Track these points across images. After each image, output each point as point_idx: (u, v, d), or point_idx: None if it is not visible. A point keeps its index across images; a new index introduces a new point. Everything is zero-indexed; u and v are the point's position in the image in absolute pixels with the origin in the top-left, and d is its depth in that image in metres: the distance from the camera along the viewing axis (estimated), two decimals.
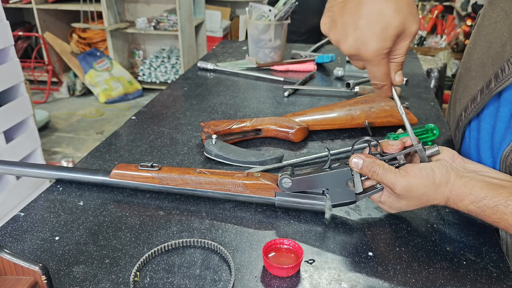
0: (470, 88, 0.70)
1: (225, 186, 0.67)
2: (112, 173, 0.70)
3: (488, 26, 0.69)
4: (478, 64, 0.69)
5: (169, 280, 0.53)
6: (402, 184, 0.57)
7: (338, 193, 0.63)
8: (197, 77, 1.31)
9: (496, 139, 0.64)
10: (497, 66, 0.63)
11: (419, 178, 0.56)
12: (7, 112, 1.91)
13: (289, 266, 0.53)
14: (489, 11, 0.70)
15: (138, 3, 3.88)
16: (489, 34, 0.68)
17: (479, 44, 0.71)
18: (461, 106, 0.73)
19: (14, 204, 1.97)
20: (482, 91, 0.66)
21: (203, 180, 0.67)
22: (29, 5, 3.68)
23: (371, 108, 0.92)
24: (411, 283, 0.53)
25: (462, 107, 0.72)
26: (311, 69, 1.35)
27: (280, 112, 1.04)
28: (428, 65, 2.41)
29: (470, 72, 0.72)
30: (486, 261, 0.57)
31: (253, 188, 0.66)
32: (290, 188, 0.64)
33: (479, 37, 0.72)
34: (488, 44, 0.68)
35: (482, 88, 0.66)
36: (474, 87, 0.69)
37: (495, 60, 0.64)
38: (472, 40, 0.75)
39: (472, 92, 0.69)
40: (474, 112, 0.68)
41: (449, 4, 4.34)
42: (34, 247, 0.59)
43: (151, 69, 3.90)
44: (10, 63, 1.92)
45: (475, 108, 0.68)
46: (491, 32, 0.68)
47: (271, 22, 1.33)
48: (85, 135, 3.14)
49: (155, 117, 1.01)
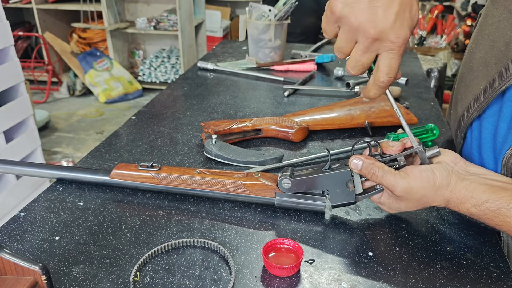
0: (472, 88, 0.70)
1: (224, 187, 0.67)
2: (112, 173, 0.70)
3: (491, 25, 0.69)
4: (481, 64, 0.69)
5: (169, 280, 0.53)
6: (402, 186, 0.56)
7: (338, 194, 0.63)
8: (197, 77, 1.31)
9: (498, 139, 0.64)
10: (501, 65, 0.62)
11: (419, 180, 0.56)
12: (7, 112, 1.91)
13: (289, 266, 0.53)
14: (492, 10, 0.69)
15: (138, 3, 3.88)
16: (492, 33, 0.68)
17: (482, 44, 0.70)
18: (463, 106, 0.72)
19: (14, 204, 1.97)
20: (485, 91, 0.65)
21: (203, 180, 0.67)
22: (29, 5, 3.68)
23: (371, 108, 0.92)
24: (411, 283, 0.53)
25: (464, 107, 0.72)
26: (311, 69, 1.35)
27: (280, 112, 1.04)
28: (428, 65, 2.41)
29: (472, 72, 0.71)
30: (486, 261, 0.57)
31: (253, 188, 0.66)
32: (290, 189, 0.64)
33: (482, 36, 0.71)
34: (491, 43, 0.67)
35: (485, 87, 0.65)
36: (476, 87, 0.68)
37: (498, 59, 0.63)
38: (474, 40, 0.75)
39: (474, 91, 0.69)
40: (477, 112, 0.68)
41: (449, 4, 4.34)
42: (34, 247, 0.59)
43: (151, 69, 3.90)
44: (10, 63, 1.92)
45: (478, 108, 0.67)
46: (494, 31, 0.67)
47: (271, 22, 1.33)
48: (85, 135, 3.14)
49: (155, 117, 1.01)
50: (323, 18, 0.56)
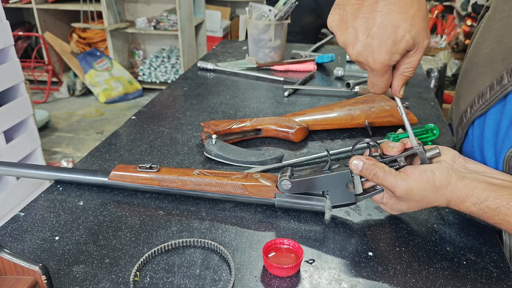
0: (477, 84, 0.68)
1: (224, 188, 0.67)
2: (111, 175, 0.70)
3: (500, 20, 0.67)
4: (487, 60, 0.67)
5: (169, 280, 0.53)
6: (402, 187, 0.56)
7: (338, 194, 0.63)
8: (197, 77, 1.31)
9: (500, 137, 0.63)
10: (509, 62, 0.61)
11: (420, 181, 0.56)
12: (7, 112, 1.91)
13: (289, 266, 0.53)
14: (501, 4, 0.68)
15: (138, 3, 3.88)
16: (500, 28, 0.66)
17: (489, 39, 0.69)
18: (465, 102, 0.71)
19: (14, 204, 1.97)
20: (492, 87, 0.64)
21: (202, 181, 0.67)
22: (29, 5, 3.68)
23: (371, 108, 0.92)
24: (411, 283, 0.53)
25: (467, 103, 0.70)
26: (311, 69, 1.35)
27: (280, 112, 1.04)
28: (428, 65, 2.41)
29: (477, 68, 0.70)
30: (486, 261, 0.57)
31: (253, 189, 0.66)
32: (290, 190, 0.64)
33: (489, 31, 0.69)
34: (498, 38, 0.66)
35: (491, 84, 0.64)
36: (481, 83, 0.67)
37: (506, 55, 0.62)
38: (481, 34, 0.73)
39: (479, 88, 0.67)
40: (482, 110, 0.66)
41: (449, 4, 4.34)
42: (34, 247, 0.59)
43: (151, 69, 3.90)
44: (10, 63, 1.92)
45: (484, 105, 0.66)
46: (503, 26, 0.66)
47: (271, 22, 1.33)
48: (85, 135, 3.14)
49: (155, 117, 1.01)
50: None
